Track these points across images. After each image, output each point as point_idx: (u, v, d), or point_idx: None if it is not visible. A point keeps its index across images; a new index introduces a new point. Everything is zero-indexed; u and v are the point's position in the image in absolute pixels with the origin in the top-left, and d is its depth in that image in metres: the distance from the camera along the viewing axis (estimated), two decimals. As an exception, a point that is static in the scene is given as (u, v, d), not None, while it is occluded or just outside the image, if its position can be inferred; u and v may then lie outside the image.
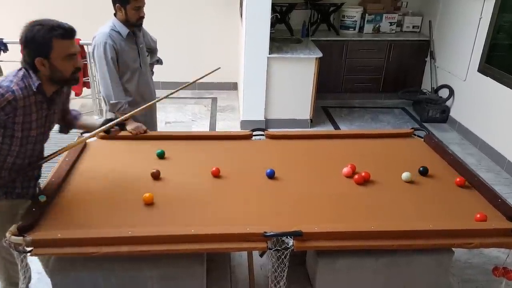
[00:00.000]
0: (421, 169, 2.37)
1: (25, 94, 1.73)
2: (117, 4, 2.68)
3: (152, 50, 3.17)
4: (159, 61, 3.32)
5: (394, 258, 2.01)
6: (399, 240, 1.84)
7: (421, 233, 1.86)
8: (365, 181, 2.28)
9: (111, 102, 2.70)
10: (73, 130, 2.25)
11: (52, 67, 1.73)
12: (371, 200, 2.12)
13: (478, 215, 1.97)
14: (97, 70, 2.73)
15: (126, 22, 2.70)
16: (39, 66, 1.72)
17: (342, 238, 1.83)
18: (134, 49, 2.79)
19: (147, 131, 2.71)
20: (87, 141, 2.57)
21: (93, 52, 2.73)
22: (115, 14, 2.75)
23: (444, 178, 2.35)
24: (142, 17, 2.72)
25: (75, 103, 5.23)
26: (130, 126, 2.66)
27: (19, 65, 1.80)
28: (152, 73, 3.22)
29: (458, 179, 2.26)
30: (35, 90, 1.74)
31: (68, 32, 1.73)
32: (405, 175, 2.29)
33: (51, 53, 1.70)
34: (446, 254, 2.06)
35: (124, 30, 2.71)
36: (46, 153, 2.01)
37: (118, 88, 2.70)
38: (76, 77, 1.82)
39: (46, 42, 1.68)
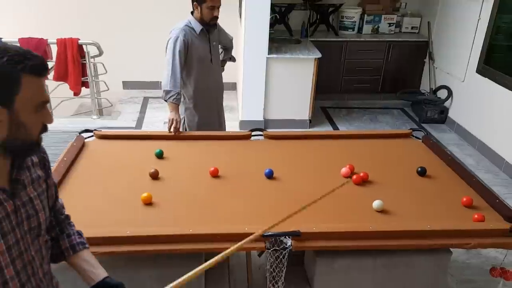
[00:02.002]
0: (419, 169, 2.38)
1: None
2: (194, 3, 2.81)
3: (227, 48, 3.31)
4: (232, 58, 3.44)
5: (392, 258, 2.01)
6: (397, 240, 1.85)
7: (419, 234, 1.86)
8: (363, 182, 2.28)
9: (164, 89, 2.79)
10: (72, 126, 1.98)
11: (15, 123, 1.00)
12: (369, 200, 2.12)
13: (476, 216, 1.98)
14: (165, 59, 2.85)
15: (200, 20, 2.84)
16: None
17: (341, 238, 1.84)
18: (206, 46, 2.93)
19: (178, 128, 2.76)
20: (85, 140, 2.58)
21: (167, 44, 2.86)
22: (192, 12, 2.89)
23: (442, 179, 2.36)
24: (216, 17, 2.86)
25: (74, 103, 5.24)
26: (171, 115, 2.77)
27: None
28: (223, 69, 3.34)
29: (464, 199, 2.10)
30: None
31: (43, 65, 1.03)
32: (376, 203, 2.06)
33: (17, 98, 0.98)
34: (444, 255, 2.06)
35: (198, 27, 2.85)
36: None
37: (175, 79, 2.78)
38: (41, 140, 1.10)
39: (12, 79, 0.98)
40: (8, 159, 1.06)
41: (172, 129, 2.72)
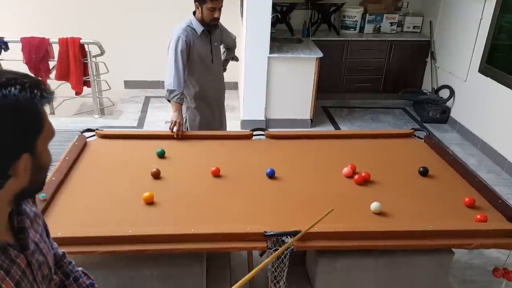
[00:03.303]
0: (421, 169, 2.37)
1: None
2: (196, 3, 2.81)
3: (230, 47, 3.32)
4: (234, 58, 3.44)
5: (394, 259, 2.01)
6: (399, 240, 1.85)
7: (421, 234, 1.86)
8: (365, 181, 2.28)
9: (168, 88, 2.78)
10: (74, 125, 1.85)
11: (37, 167, 0.85)
12: (371, 200, 2.11)
13: (479, 216, 1.97)
14: (167, 59, 2.85)
15: (201, 20, 2.84)
16: (20, 173, 0.82)
17: (342, 238, 1.84)
18: (207, 46, 2.93)
19: (181, 130, 2.73)
20: (86, 140, 2.58)
21: (169, 44, 2.85)
22: (194, 12, 2.88)
23: (444, 179, 2.35)
24: (216, 19, 2.85)
25: (76, 102, 5.24)
26: (174, 116, 2.73)
27: (19, 66, 1.24)
28: (225, 69, 3.34)
29: (467, 199, 2.10)
30: None
31: (52, 93, 0.85)
32: (374, 205, 2.05)
33: (39, 139, 0.83)
34: (446, 255, 2.06)
35: (199, 28, 2.85)
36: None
37: (179, 78, 2.78)
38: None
39: (38, 117, 0.82)
40: (9, 207, 0.88)
41: (174, 130, 2.71)
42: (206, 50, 2.93)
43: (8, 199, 0.85)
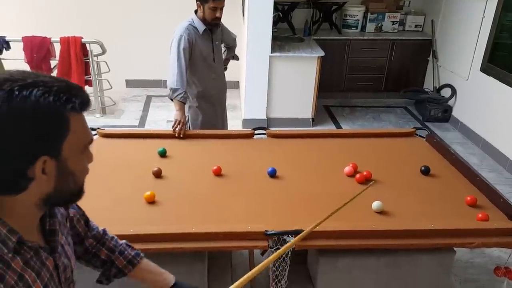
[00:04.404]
0: (423, 168, 2.37)
1: None
2: (198, 2, 2.81)
3: (230, 47, 3.32)
4: (235, 57, 3.44)
5: (395, 258, 2.01)
6: (401, 239, 1.84)
7: (422, 233, 1.85)
8: (366, 180, 2.28)
9: (172, 87, 2.77)
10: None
11: (63, 173, 0.85)
12: (373, 199, 2.11)
13: (480, 215, 1.97)
14: (169, 58, 2.84)
15: (203, 19, 2.84)
16: (38, 176, 0.81)
17: (343, 237, 1.83)
18: (208, 45, 2.93)
19: (183, 130, 2.72)
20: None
21: (171, 43, 2.85)
22: (196, 11, 2.88)
23: (445, 177, 2.35)
24: (218, 18, 2.84)
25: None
26: (177, 115, 2.72)
27: (21, 65, 1.18)
28: (225, 68, 3.34)
29: (468, 198, 2.10)
30: (13, 250, 0.81)
31: (88, 99, 0.87)
32: (375, 204, 2.05)
33: (64, 145, 0.82)
34: (448, 254, 2.05)
35: (201, 27, 2.85)
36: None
37: (182, 77, 2.78)
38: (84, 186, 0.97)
39: (61, 124, 0.81)
40: (42, 210, 0.89)
41: (176, 130, 2.70)
42: (208, 49, 2.94)
43: (36, 203, 0.85)
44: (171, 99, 2.82)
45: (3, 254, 0.79)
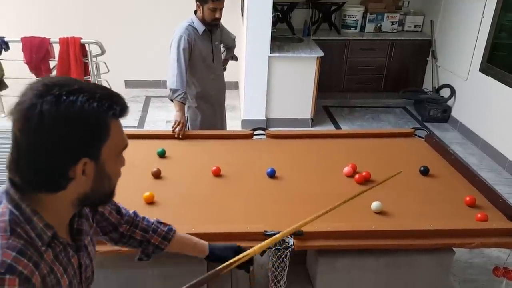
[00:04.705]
0: (422, 168, 2.37)
1: (28, 263, 0.82)
2: (197, 2, 2.81)
3: (229, 47, 3.32)
4: (234, 58, 3.44)
5: (394, 258, 2.01)
6: (400, 239, 1.85)
7: (421, 233, 1.86)
8: (365, 181, 2.28)
9: (171, 88, 2.77)
10: None
11: (100, 175, 0.90)
12: (372, 199, 2.11)
13: (479, 215, 1.97)
14: (169, 58, 2.85)
15: (202, 20, 2.84)
16: (78, 176, 0.86)
17: (343, 237, 1.84)
18: (208, 46, 2.94)
19: (183, 130, 2.72)
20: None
21: (171, 43, 2.85)
22: (195, 12, 2.88)
23: (444, 178, 2.35)
24: (217, 19, 2.85)
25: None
26: (177, 115, 2.72)
27: (20, 65, 1.19)
28: (224, 69, 3.35)
29: (467, 198, 2.10)
30: (47, 243, 0.87)
31: (127, 106, 0.91)
32: (374, 205, 2.05)
33: (103, 148, 0.88)
34: (447, 254, 2.05)
35: (200, 27, 2.85)
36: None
37: (182, 77, 2.78)
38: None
39: (103, 129, 0.86)
40: (76, 209, 0.95)
41: (176, 130, 2.70)
42: (207, 50, 2.94)
43: (72, 202, 0.91)
44: (171, 100, 2.81)
45: (38, 246, 0.85)
